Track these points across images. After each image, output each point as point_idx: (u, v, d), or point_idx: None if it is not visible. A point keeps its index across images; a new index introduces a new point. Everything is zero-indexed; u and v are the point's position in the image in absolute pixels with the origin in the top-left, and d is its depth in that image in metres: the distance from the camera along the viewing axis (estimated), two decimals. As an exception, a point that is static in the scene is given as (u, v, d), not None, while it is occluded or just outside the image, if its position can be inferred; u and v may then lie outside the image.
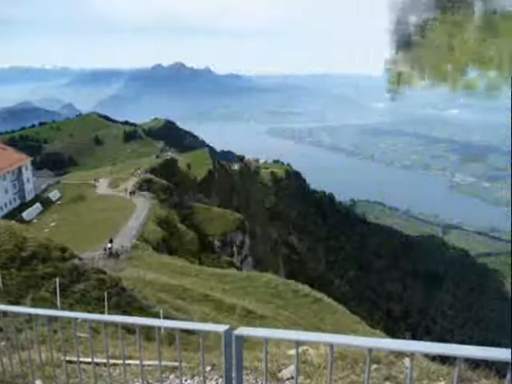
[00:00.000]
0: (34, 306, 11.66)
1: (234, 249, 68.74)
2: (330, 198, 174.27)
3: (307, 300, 29.76)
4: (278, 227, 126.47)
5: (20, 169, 58.96)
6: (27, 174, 60.72)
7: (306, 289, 31.98)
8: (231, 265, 51.80)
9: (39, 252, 14.68)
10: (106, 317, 4.69)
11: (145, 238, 40.02)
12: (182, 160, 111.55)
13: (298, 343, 2.35)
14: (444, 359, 4.30)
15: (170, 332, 11.66)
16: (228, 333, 2.57)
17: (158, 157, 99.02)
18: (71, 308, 12.92)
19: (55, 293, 12.69)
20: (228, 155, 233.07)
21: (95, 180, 68.86)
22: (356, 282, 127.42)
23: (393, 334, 52.81)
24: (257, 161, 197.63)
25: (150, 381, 4.99)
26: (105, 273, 16.71)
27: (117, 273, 21.76)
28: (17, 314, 4.51)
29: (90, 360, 3.85)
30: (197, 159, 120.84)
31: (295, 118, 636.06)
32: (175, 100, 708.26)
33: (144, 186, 63.37)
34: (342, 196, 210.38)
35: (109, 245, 34.36)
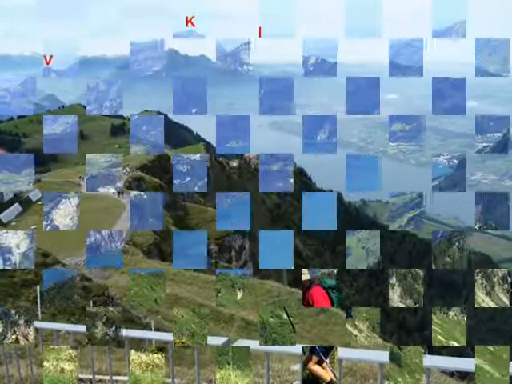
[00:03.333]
0: (12, 316, 11.63)
1: (233, 254, 68.74)
2: (338, 197, 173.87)
3: (313, 310, 29.76)
4: (281, 230, 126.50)
5: (-3, 166, 59.02)
6: (5, 171, 60.78)
7: (312, 297, 31.96)
8: (229, 271, 51.81)
9: (18, 257, 14.64)
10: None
11: (134, 241, 40.02)
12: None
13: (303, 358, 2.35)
14: (463, 375, 4.30)
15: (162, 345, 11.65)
16: (226, 346, 2.56)
17: (148, 152, 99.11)
18: (53, 319, 12.93)
19: (36, 302, 12.69)
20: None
21: (80, 178, 68.79)
22: (366, 289, 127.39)
23: (407, 347, 52.82)
24: (257, 157, 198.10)
25: (140, 399, 4.96)
26: (90, 280, 16.71)
27: (103, 280, 21.77)
28: (-6, 326, 4.49)
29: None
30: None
31: (299, 110, 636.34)
32: (167, 90, 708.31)
33: (134, 184, 63.35)
34: (351, 196, 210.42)
35: (95, 249, 34.35)
